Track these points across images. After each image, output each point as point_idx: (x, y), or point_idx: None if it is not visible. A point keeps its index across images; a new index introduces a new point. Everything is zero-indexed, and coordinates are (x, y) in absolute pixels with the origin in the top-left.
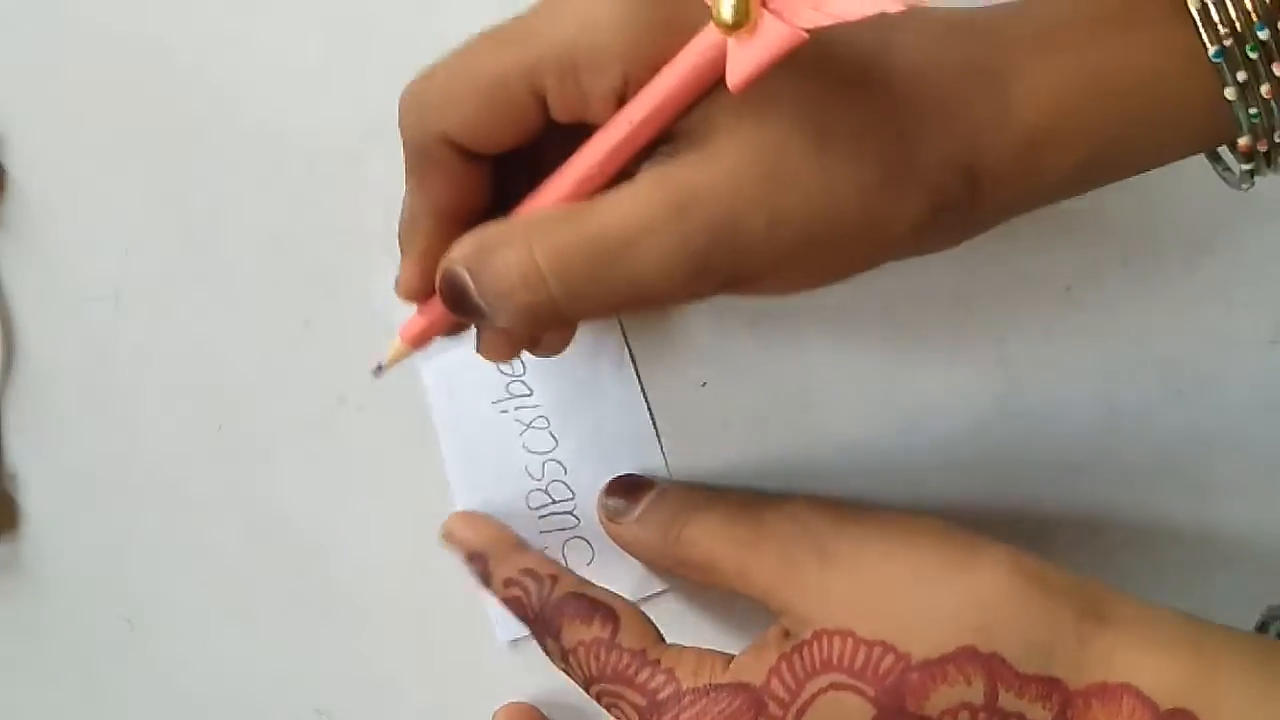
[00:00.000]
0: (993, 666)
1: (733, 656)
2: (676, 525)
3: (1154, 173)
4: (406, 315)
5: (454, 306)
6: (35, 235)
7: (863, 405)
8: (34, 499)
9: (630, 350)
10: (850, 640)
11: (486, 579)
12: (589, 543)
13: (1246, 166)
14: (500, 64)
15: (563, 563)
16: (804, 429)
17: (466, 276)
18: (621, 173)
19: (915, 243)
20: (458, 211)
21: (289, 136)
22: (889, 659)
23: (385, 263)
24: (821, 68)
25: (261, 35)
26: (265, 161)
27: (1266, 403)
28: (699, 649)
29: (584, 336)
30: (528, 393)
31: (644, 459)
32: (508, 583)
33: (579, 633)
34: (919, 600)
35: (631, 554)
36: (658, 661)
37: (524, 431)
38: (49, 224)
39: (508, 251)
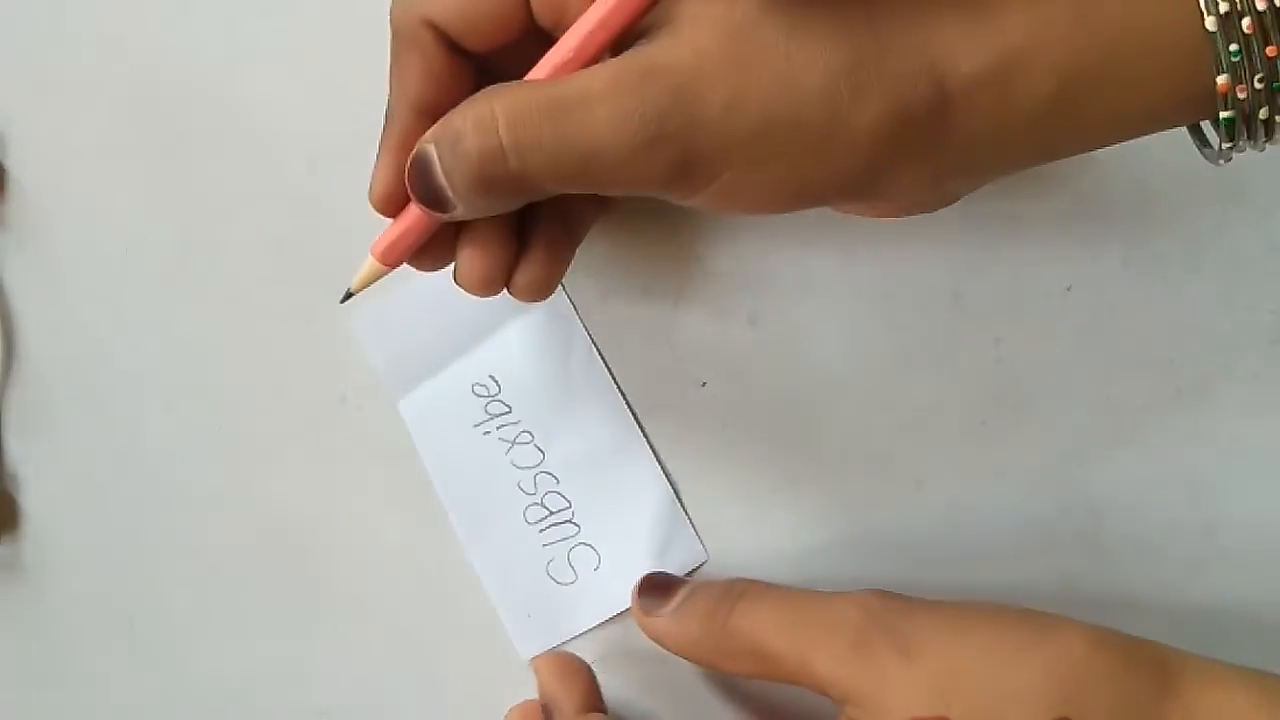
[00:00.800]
0: None
1: None
2: (722, 613)
3: (1154, 171)
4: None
5: (419, 189)
6: (36, 235)
7: (862, 405)
8: (34, 499)
9: (598, 348)
10: None
11: None
12: (593, 548)
13: (1226, 114)
14: None
15: (572, 573)
16: (803, 429)
17: (433, 151)
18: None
19: (881, 163)
20: (436, 106)
21: (289, 136)
22: None
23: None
24: None
25: (262, 35)
26: (265, 162)
27: (1266, 403)
28: None
29: (551, 341)
30: (506, 410)
31: (631, 455)
32: None
33: None
34: (1005, 679)
35: (667, 646)
36: None
37: (510, 449)
38: (49, 224)
39: (469, 107)
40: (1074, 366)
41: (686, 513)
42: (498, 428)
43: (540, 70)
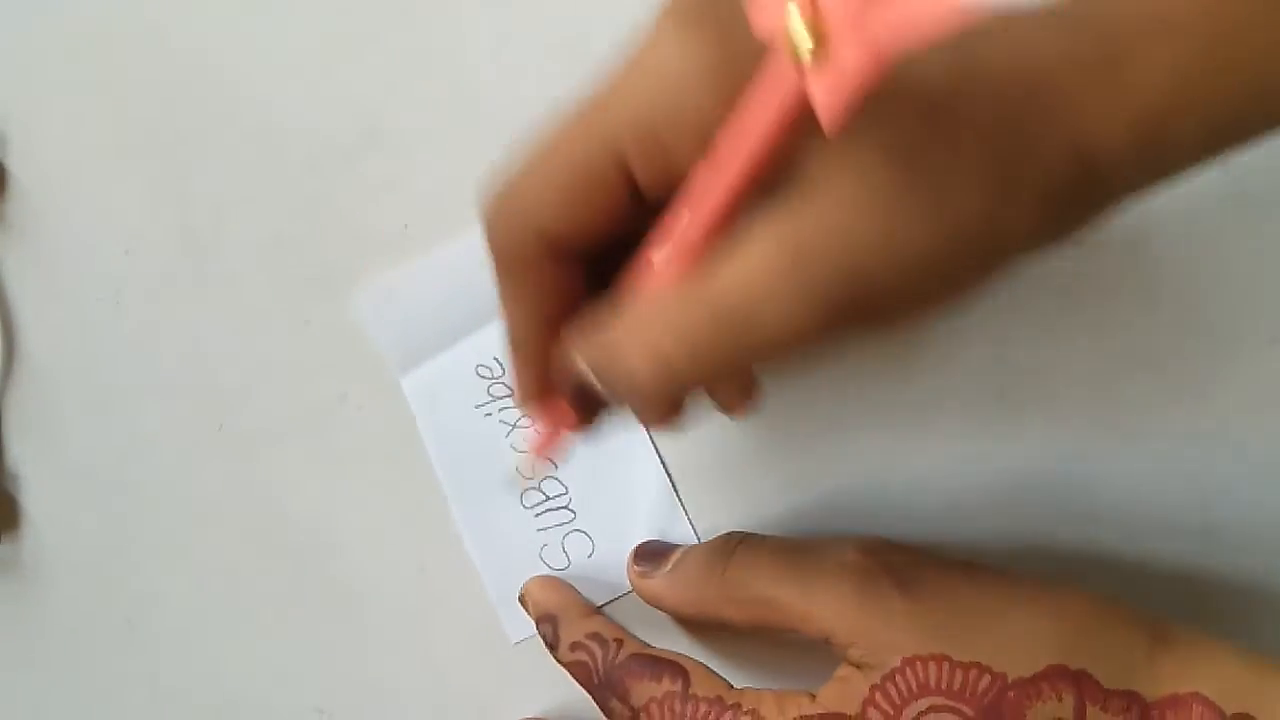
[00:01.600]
0: (1081, 682)
1: (811, 693)
2: (719, 563)
3: None
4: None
5: (584, 412)
6: (36, 234)
7: (863, 406)
8: (35, 499)
9: None
10: (945, 664)
11: (555, 643)
12: (588, 535)
13: None
14: (577, 143)
15: (565, 559)
16: (804, 429)
17: (594, 379)
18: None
19: (1039, 236)
20: (561, 317)
21: (290, 136)
22: (985, 680)
23: (381, 262)
24: (903, 93)
25: (262, 35)
26: (266, 161)
27: (1266, 402)
28: (774, 689)
29: None
30: (509, 393)
31: (631, 446)
32: (574, 646)
33: (648, 690)
34: (1008, 623)
35: (664, 605)
36: (738, 704)
37: (510, 432)
38: (50, 223)
39: (632, 342)
40: (1074, 367)
41: (685, 510)
42: (499, 410)
43: (668, 256)
